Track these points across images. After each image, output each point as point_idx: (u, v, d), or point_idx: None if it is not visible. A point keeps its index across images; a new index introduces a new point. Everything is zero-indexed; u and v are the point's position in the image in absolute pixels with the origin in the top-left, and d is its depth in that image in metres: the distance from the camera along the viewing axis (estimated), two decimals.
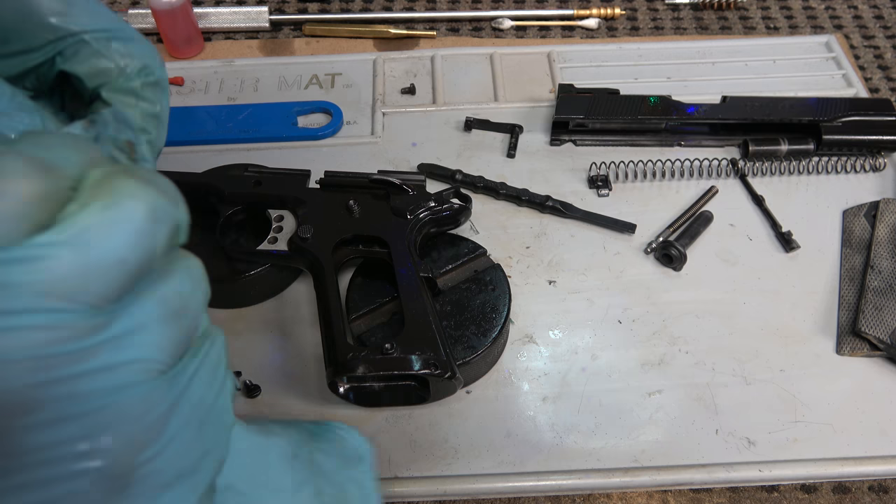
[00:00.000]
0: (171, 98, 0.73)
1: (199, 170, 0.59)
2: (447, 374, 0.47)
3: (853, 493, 0.49)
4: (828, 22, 0.84)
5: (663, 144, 0.68)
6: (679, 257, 0.58)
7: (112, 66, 0.27)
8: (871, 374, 0.53)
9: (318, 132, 0.69)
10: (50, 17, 0.26)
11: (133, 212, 0.21)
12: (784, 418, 0.51)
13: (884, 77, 0.77)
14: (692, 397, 0.52)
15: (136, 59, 0.28)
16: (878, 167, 0.66)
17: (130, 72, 0.28)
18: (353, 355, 0.47)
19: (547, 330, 0.56)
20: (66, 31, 0.26)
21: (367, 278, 0.55)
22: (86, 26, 0.26)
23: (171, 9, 0.73)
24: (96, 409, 0.20)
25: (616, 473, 0.49)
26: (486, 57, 0.77)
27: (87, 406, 0.20)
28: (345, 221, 0.55)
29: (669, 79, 0.75)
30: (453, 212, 0.57)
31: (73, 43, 0.27)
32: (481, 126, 0.70)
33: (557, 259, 0.60)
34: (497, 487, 0.48)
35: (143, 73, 0.28)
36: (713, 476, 0.49)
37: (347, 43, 0.81)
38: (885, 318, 0.54)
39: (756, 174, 0.66)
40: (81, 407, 0.20)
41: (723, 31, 0.82)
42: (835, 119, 0.65)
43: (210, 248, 0.56)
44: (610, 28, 0.83)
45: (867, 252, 0.59)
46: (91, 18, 0.26)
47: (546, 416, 0.51)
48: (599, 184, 0.65)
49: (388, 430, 0.51)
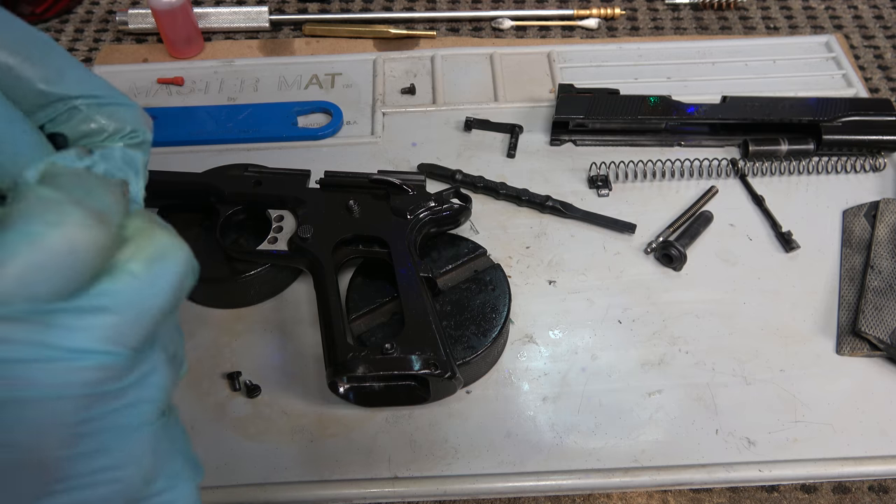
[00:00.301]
0: (171, 98, 0.74)
1: (199, 170, 0.59)
2: (447, 374, 0.47)
3: (853, 493, 0.49)
4: (828, 22, 0.84)
5: (663, 144, 0.68)
6: (679, 257, 0.58)
7: (99, 130, 0.28)
8: (871, 374, 0.53)
9: (318, 132, 0.69)
10: (40, 84, 0.27)
11: (175, 266, 0.23)
12: (784, 418, 0.51)
13: (884, 77, 0.77)
14: (692, 397, 0.52)
15: (124, 123, 0.29)
16: (878, 167, 0.66)
17: (117, 134, 0.29)
18: (353, 355, 0.47)
19: (547, 330, 0.56)
20: (57, 97, 0.27)
21: (367, 278, 0.55)
22: (77, 92, 0.27)
23: (171, 9, 0.73)
24: (123, 442, 0.22)
25: (616, 473, 0.49)
26: (486, 57, 0.77)
27: (116, 440, 0.22)
28: (345, 221, 0.55)
29: (669, 79, 0.75)
30: (453, 212, 0.57)
31: (64, 110, 0.27)
32: (481, 126, 0.70)
33: (557, 259, 0.60)
34: (497, 487, 0.48)
35: (130, 136, 0.29)
36: (713, 476, 0.49)
37: (347, 43, 0.81)
38: (885, 318, 0.54)
39: (756, 174, 0.66)
40: (112, 440, 0.22)
41: (723, 31, 0.82)
42: (835, 119, 0.65)
43: (210, 248, 0.56)
44: (610, 28, 0.83)
45: (867, 252, 0.59)
46: (81, 86, 0.27)
47: (546, 416, 0.51)
48: (599, 184, 0.65)
49: (388, 430, 0.51)
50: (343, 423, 0.51)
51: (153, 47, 0.80)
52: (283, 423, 0.51)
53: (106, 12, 0.86)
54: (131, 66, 0.77)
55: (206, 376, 0.53)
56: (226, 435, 0.51)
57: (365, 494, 0.48)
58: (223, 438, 0.50)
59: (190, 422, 0.51)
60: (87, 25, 0.84)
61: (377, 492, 0.48)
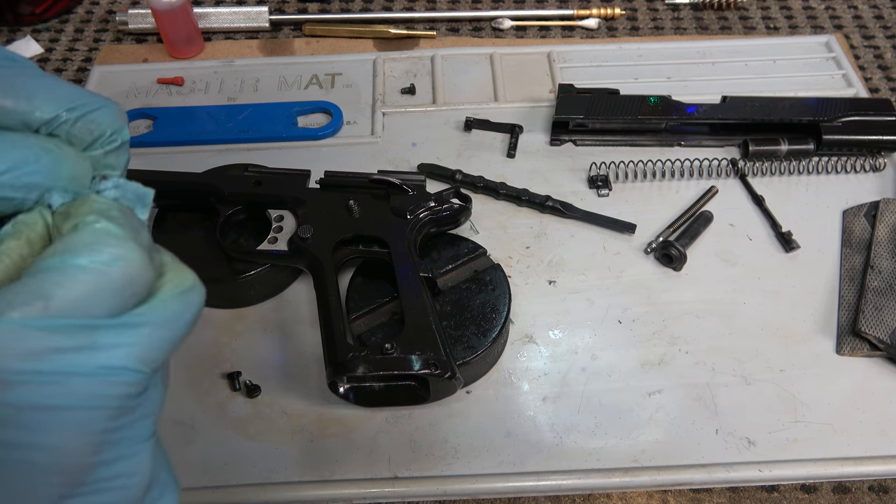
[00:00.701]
0: (171, 98, 0.73)
1: (199, 170, 0.59)
2: (447, 374, 0.47)
3: (853, 493, 0.49)
4: (828, 22, 0.84)
5: (663, 144, 0.68)
6: (679, 257, 0.58)
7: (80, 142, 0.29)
8: (871, 374, 0.53)
9: (318, 132, 0.69)
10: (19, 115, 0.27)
11: (198, 298, 0.26)
12: (784, 418, 0.51)
13: (884, 77, 0.77)
14: (692, 397, 0.52)
15: (104, 128, 0.29)
16: (878, 167, 0.66)
17: (97, 141, 0.29)
18: (353, 355, 0.47)
19: (547, 330, 0.56)
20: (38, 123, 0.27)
21: (367, 278, 0.55)
22: (52, 112, 0.27)
23: (171, 9, 0.73)
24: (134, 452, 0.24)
25: (616, 473, 0.49)
26: (486, 57, 0.77)
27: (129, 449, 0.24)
28: (345, 221, 0.55)
29: (669, 79, 0.75)
30: (453, 212, 0.57)
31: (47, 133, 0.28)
32: (481, 126, 0.70)
33: (557, 259, 0.60)
34: (497, 487, 0.48)
35: (110, 140, 0.29)
36: (713, 476, 0.49)
37: (347, 43, 0.81)
38: (885, 318, 0.54)
39: (756, 174, 0.66)
40: (127, 450, 0.24)
41: (723, 31, 0.82)
42: (835, 119, 0.65)
43: (210, 247, 0.56)
44: (610, 28, 0.83)
45: (867, 252, 0.59)
46: (54, 103, 0.27)
47: (546, 416, 0.51)
48: (599, 184, 0.65)
49: (388, 430, 0.51)
50: (343, 423, 0.51)
51: (153, 47, 0.80)
52: (283, 423, 0.51)
53: (106, 12, 0.86)
54: (131, 66, 0.77)
55: (206, 376, 0.53)
56: (226, 435, 0.51)
57: (365, 494, 0.48)
58: (223, 438, 0.50)
59: (190, 422, 0.51)
60: (87, 25, 0.84)
61: (377, 492, 0.48)
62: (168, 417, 0.51)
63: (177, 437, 0.50)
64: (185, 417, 0.51)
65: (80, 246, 0.23)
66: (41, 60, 0.80)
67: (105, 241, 0.24)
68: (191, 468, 0.49)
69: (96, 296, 0.23)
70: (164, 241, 0.57)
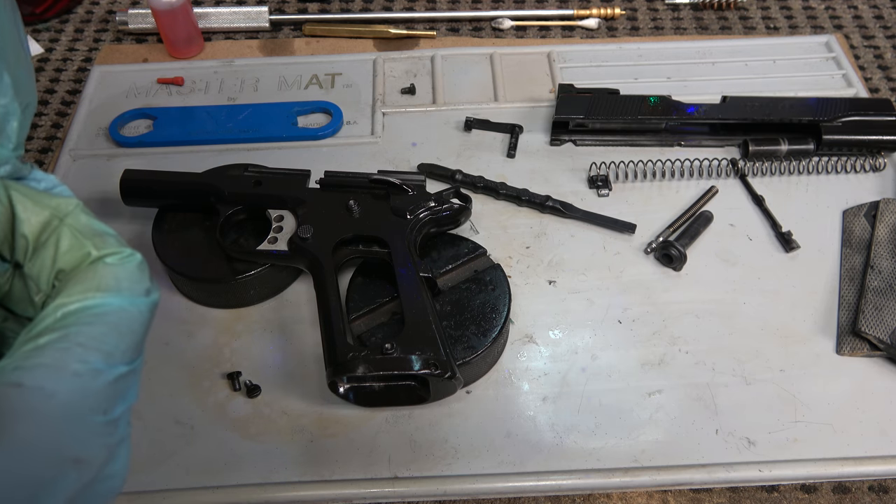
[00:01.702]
0: (171, 98, 0.73)
1: (199, 170, 0.59)
2: (447, 374, 0.47)
3: (853, 493, 0.49)
4: (828, 22, 0.84)
5: (663, 144, 0.68)
6: (679, 257, 0.58)
7: None
8: (871, 374, 0.53)
9: (318, 132, 0.69)
10: None
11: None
12: (784, 418, 0.51)
13: (884, 77, 0.77)
14: (692, 397, 0.52)
15: None
16: (878, 167, 0.66)
17: None
18: (353, 355, 0.47)
19: (547, 330, 0.56)
20: None
21: (367, 278, 0.55)
22: None
23: (171, 9, 0.73)
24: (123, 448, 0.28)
25: (616, 473, 0.49)
26: (486, 57, 0.77)
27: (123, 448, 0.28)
28: (345, 221, 0.55)
29: (669, 79, 0.75)
30: (453, 212, 0.57)
31: None
32: (481, 126, 0.70)
33: (557, 259, 0.60)
34: (497, 487, 0.48)
35: None
36: (713, 476, 0.49)
37: (347, 43, 0.81)
38: (885, 318, 0.54)
39: (756, 174, 0.66)
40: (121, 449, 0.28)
41: (723, 31, 0.82)
42: (835, 119, 0.65)
43: (210, 248, 0.56)
44: (610, 28, 0.83)
45: (867, 252, 0.59)
46: None
47: (546, 416, 0.51)
48: (599, 184, 0.65)
49: (388, 430, 0.51)
50: (343, 423, 0.51)
51: (153, 47, 0.80)
52: (283, 423, 0.51)
53: (106, 12, 0.86)
54: (131, 66, 0.77)
55: (206, 376, 0.53)
56: (226, 435, 0.51)
57: (365, 494, 0.48)
58: (223, 438, 0.50)
59: (190, 422, 0.51)
60: (87, 25, 0.84)
61: (377, 492, 0.48)
62: (168, 417, 0.51)
63: (177, 437, 0.50)
64: (185, 417, 0.51)
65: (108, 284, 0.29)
66: (41, 60, 0.80)
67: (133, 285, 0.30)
68: (191, 468, 0.49)
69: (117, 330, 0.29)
70: (165, 241, 0.57)
